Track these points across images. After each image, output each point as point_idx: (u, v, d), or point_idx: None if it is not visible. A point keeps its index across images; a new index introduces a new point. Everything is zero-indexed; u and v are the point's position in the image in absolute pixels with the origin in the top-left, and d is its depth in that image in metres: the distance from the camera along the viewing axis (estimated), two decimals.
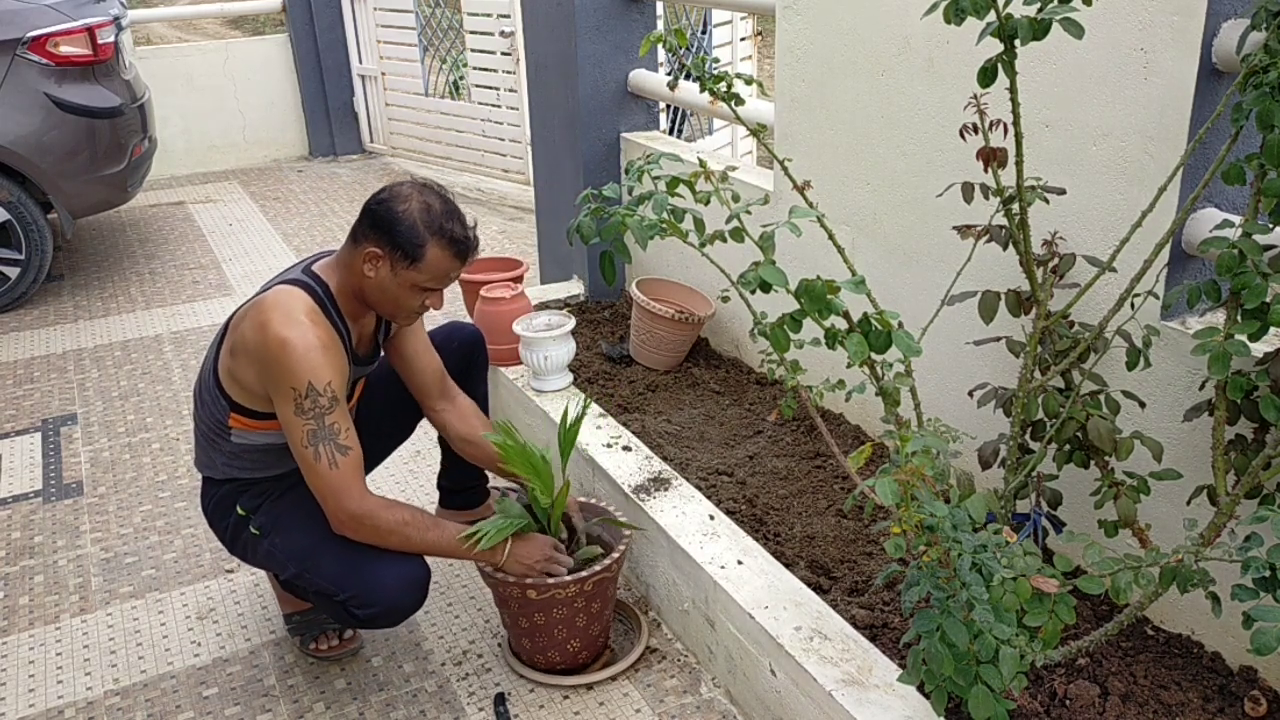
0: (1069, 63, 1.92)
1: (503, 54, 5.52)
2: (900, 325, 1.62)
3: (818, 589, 2.09)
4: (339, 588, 1.97)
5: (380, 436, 2.38)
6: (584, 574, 2.05)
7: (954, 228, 1.97)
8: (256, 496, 2.11)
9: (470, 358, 2.46)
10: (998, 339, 2.04)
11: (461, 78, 6.45)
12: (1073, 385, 1.87)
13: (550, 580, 2.02)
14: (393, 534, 1.95)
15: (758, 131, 2.02)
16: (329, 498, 1.91)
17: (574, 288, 3.70)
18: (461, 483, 2.64)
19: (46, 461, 3.18)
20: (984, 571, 1.48)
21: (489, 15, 5.45)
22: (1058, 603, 1.50)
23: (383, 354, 2.22)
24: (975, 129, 1.75)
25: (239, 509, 2.10)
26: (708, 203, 1.78)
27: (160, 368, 3.82)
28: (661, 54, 4.35)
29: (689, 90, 3.30)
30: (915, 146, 2.35)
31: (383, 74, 6.51)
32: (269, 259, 4.98)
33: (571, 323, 2.83)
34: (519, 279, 3.21)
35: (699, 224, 1.79)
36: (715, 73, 1.92)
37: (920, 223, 2.39)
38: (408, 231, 1.90)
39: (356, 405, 2.23)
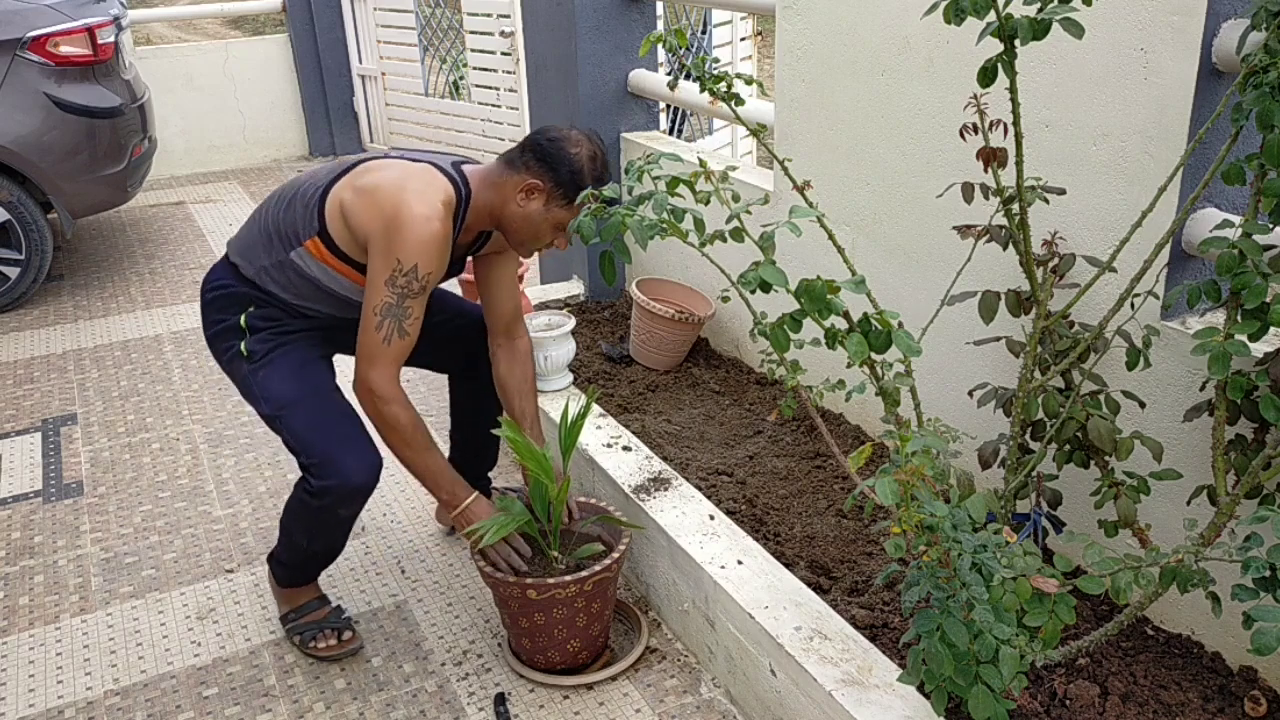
0: (1069, 63, 1.92)
1: (503, 54, 5.52)
2: (900, 325, 1.61)
3: (818, 589, 2.09)
4: (304, 446, 2.04)
5: (424, 351, 2.36)
6: (584, 574, 2.05)
7: (954, 228, 1.97)
8: (266, 319, 2.12)
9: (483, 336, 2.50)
10: (998, 339, 2.04)
11: (461, 78, 6.44)
12: (1073, 385, 1.87)
13: (550, 580, 2.02)
14: (395, 430, 2.01)
15: (758, 131, 2.02)
16: (366, 362, 1.97)
17: (574, 288, 3.70)
18: (465, 475, 2.64)
19: (46, 461, 3.18)
20: (984, 571, 1.48)
21: (489, 15, 5.45)
22: (1058, 603, 1.50)
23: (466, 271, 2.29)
24: (975, 129, 1.75)
25: (243, 320, 2.10)
26: (708, 203, 1.78)
27: (160, 368, 3.82)
28: (661, 54, 4.35)
29: (689, 90, 3.30)
30: (915, 146, 2.35)
31: (383, 74, 6.51)
32: None
33: (571, 323, 2.83)
34: (519, 279, 3.20)
35: (699, 224, 1.79)
36: (715, 73, 1.92)
37: (920, 223, 2.39)
38: (574, 174, 2.00)
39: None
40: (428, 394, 3.50)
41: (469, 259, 2.26)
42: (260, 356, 2.10)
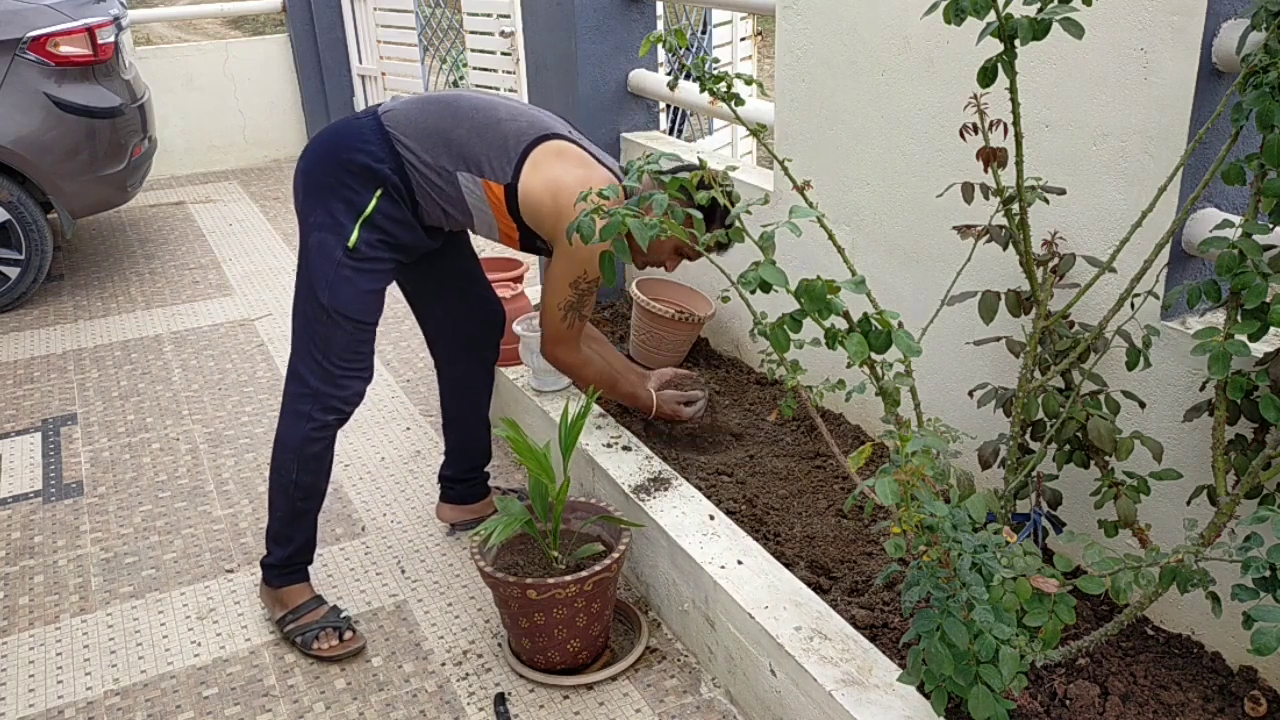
0: (1069, 63, 1.92)
1: (503, 54, 5.52)
2: (900, 325, 1.61)
3: (818, 589, 2.09)
4: (326, 354, 2.16)
5: (442, 312, 2.54)
6: (584, 574, 2.05)
7: (954, 228, 1.97)
8: (388, 220, 2.14)
9: (497, 329, 2.61)
10: (998, 339, 2.04)
11: (462, 77, 6.44)
12: (1073, 385, 1.87)
13: (550, 580, 2.02)
14: (591, 383, 2.41)
15: (758, 131, 2.02)
16: (554, 343, 2.32)
17: None
18: (464, 473, 2.65)
19: (46, 461, 3.18)
20: (984, 571, 1.48)
21: (489, 15, 5.45)
22: (1058, 603, 1.50)
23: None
24: (975, 129, 1.75)
25: (371, 206, 2.12)
26: (708, 203, 1.78)
27: (160, 368, 3.82)
28: (661, 54, 4.35)
29: (689, 90, 3.30)
30: (915, 146, 2.35)
31: (383, 74, 6.51)
32: (269, 259, 4.98)
33: None
34: (519, 279, 3.21)
35: (699, 224, 1.79)
36: (715, 73, 1.92)
37: (920, 223, 2.39)
38: (715, 209, 2.07)
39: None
40: (428, 394, 3.50)
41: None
42: (361, 259, 2.13)
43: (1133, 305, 1.74)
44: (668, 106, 4.62)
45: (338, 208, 2.12)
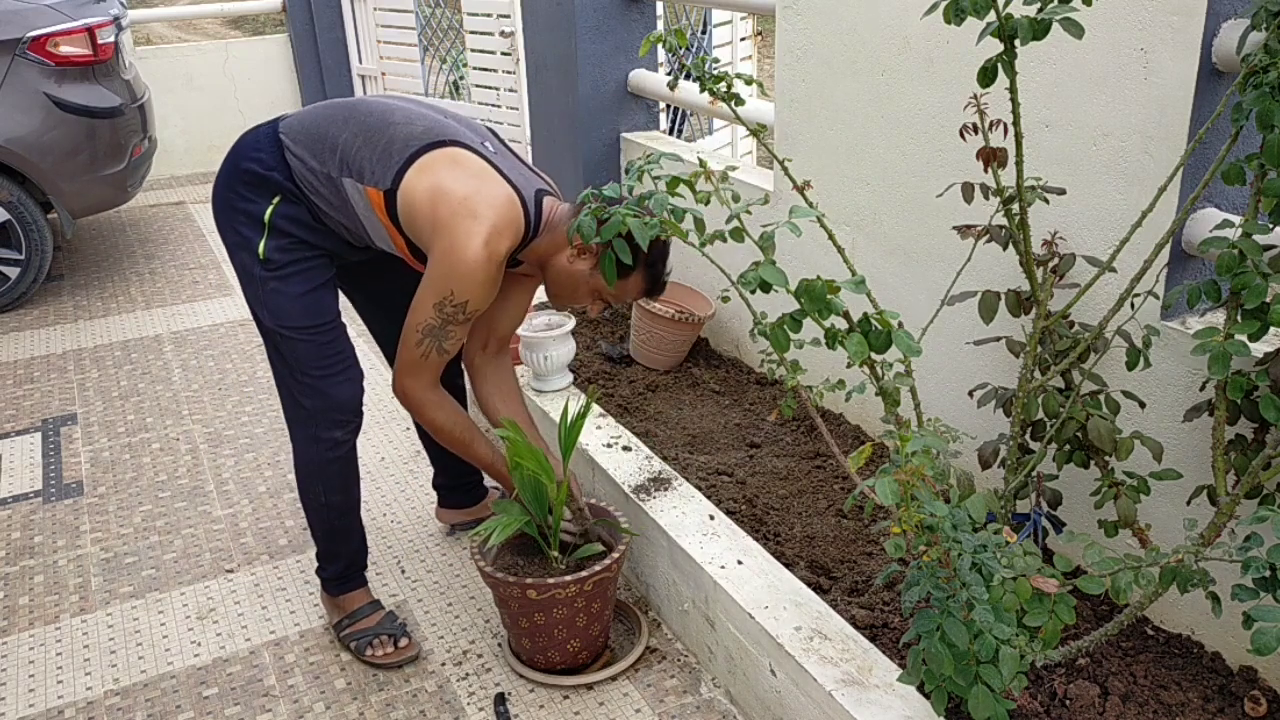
0: (1069, 63, 1.92)
1: (503, 54, 5.51)
2: (900, 325, 1.61)
3: (818, 589, 2.09)
4: (298, 369, 2.10)
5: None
6: (584, 574, 2.05)
7: (954, 228, 1.97)
8: (290, 222, 2.03)
9: None
10: (998, 339, 2.04)
11: (461, 78, 6.44)
12: (1073, 385, 1.87)
13: (550, 580, 2.02)
14: (438, 432, 2.11)
15: (758, 131, 2.02)
16: (403, 373, 2.03)
17: None
18: (456, 479, 2.65)
19: (46, 461, 3.18)
20: (984, 571, 1.48)
21: (489, 15, 5.45)
22: (1058, 603, 1.50)
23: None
24: (975, 129, 1.75)
25: (268, 213, 2.02)
26: (708, 203, 1.78)
27: (160, 368, 3.82)
28: (661, 54, 4.35)
29: (689, 90, 3.30)
30: (915, 146, 2.35)
31: (383, 74, 6.51)
32: None
33: (571, 323, 2.83)
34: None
35: (699, 224, 1.79)
36: (715, 73, 1.92)
37: (920, 223, 2.39)
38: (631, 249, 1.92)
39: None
40: None
41: None
42: (278, 267, 2.05)
43: (1133, 305, 1.74)
44: (668, 106, 4.62)
45: (240, 222, 2.05)
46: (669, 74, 3.81)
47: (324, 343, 2.10)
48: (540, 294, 2.97)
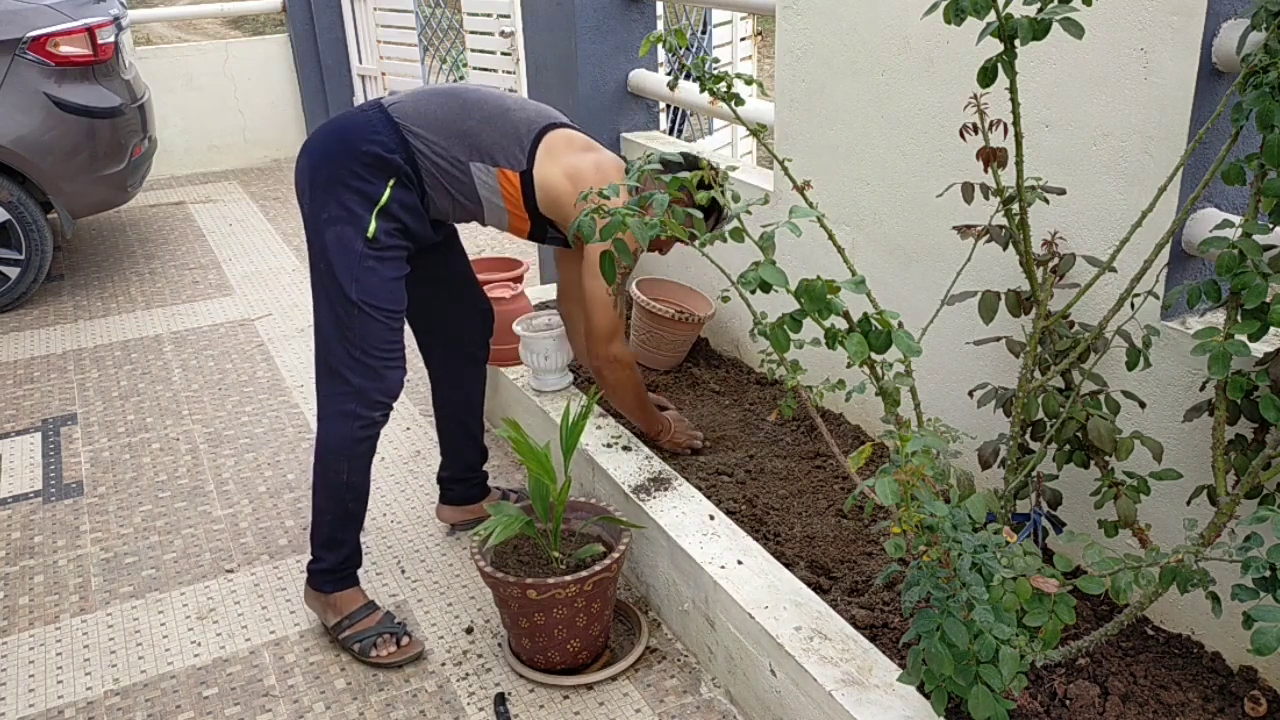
0: (1069, 63, 1.92)
1: (503, 54, 5.51)
2: (900, 325, 1.61)
3: (818, 589, 2.09)
4: (364, 348, 2.16)
5: (440, 311, 2.53)
6: (584, 574, 2.05)
7: (954, 228, 1.97)
8: (403, 209, 2.15)
9: (488, 328, 2.61)
10: (998, 339, 2.04)
11: (461, 78, 6.44)
12: (1073, 385, 1.87)
13: (550, 580, 2.02)
14: (629, 389, 2.43)
15: (758, 131, 2.02)
16: (608, 339, 2.31)
17: None
18: (460, 475, 2.65)
19: (46, 461, 3.18)
20: (984, 571, 1.48)
21: (489, 15, 5.45)
22: (1058, 603, 1.50)
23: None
24: (975, 129, 1.75)
25: (386, 195, 2.12)
26: (708, 203, 1.78)
27: (160, 368, 3.82)
28: (661, 54, 4.35)
29: (689, 90, 3.30)
30: (915, 146, 2.35)
31: (383, 74, 6.51)
32: (269, 259, 4.98)
33: None
34: (519, 279, 3.21)
35: (699, 224, 1.79)
36: (715, 73, 1.92)
37: (920, 223, 2.39)
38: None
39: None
40: (427, 394, 3.50)
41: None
42: (382, 249, 2.13)
43: (1133, 305, 1.74)
44: (668, 106, 4.62)
45: (351, 199, 2.11)
46: (669, 74, 3.82)
47: (394, 328, 2.20)
48: (538, 294, 2.98)
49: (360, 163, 2.11)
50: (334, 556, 2.30)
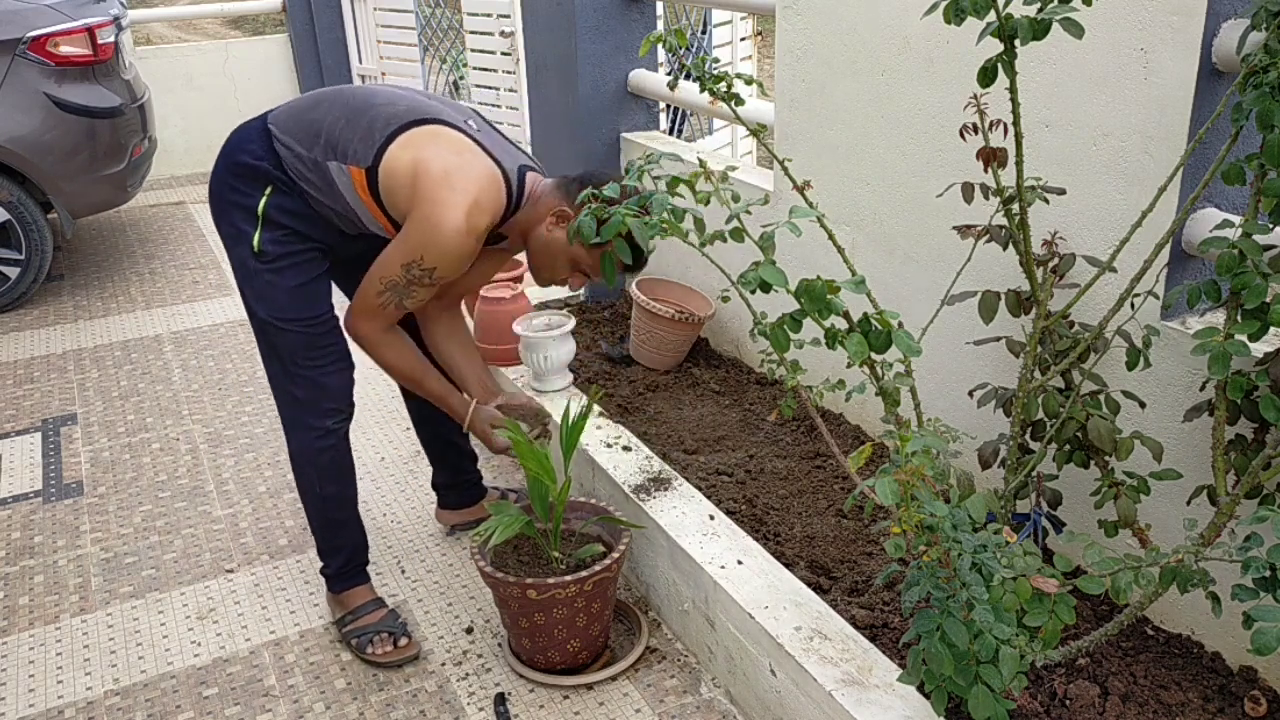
0: (1069, 63, 1.92)
1: (503, 54, 5.51)
2: (900, 325, 1.61)
3: (818, 589, 2.09)
4: (290, 360, 2.12)
5: None
6: (584, 574, 2.05)
7: (954, 228, 1.97)
8: (284, 213, 2.05)
9: None
10: (998, 339, 2.04)
11: (461, 78, 6.44)
12: (1073, 385, 1.87)
13: (550, 580, 2.02)
14: (391, 369, 2.16)
15: (758, 131, 2.02)
16: (359, 314, 2.07)
17: None
18: (455, 478, 2.65)
19: (46, 461, 3.18)
20: (984, 571, 1.48)
21: (489, 15, 5.45)
22: (1058, 603, 1.50)
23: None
24: (975, 129, 1.75)
25: (262, 205, 2.03)
26: (708, 203, 1.78)
27: (160, 368, 3.82)
28: (661, 54, 4.35)
29: (689, 90, 3.30)
30: (915, 146, 2.35)
31: (383, 74, 6.51)
32: None
33: (571, 323, 2.83)
34: (519, 279, 3.21)
35: (699, 224, 1.79)
36: (715, 73, 1.92)
37: (920, 223, 2.39)
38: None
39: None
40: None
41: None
42: (271, 259, 2.06)
43: (1133, 305, 1.74)
44: (668, 106, 4.62)
45: (237, 216, 2.07)
46: (669, 74, 3.81)
47: (316, 334, 2.12)
48: (538, 294, 2.98)
49: (235, 175, 2.06)
50: (336, 561, 2.33)
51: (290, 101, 2.14)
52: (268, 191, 2.05)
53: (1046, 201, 1.89)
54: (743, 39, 6.53)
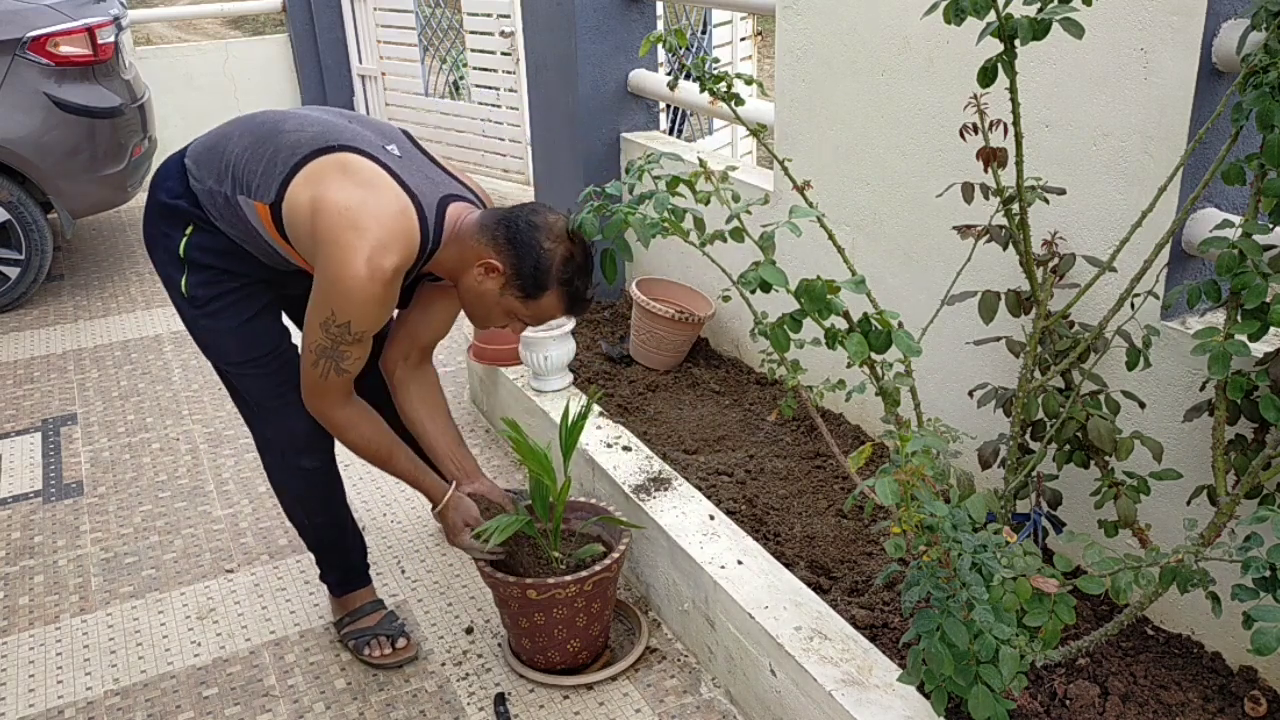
0: (1069, 63, 1.92)
1: (503, 54, 5.52)
2: (900, 325, 1.62)
3: (818, 589, 2.09)
4: (255, 401, 2.06)
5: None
6: (584, 574, 2.05)
7: (954, 228, 1.97)
8: (206, 252, 1.91)
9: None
10: (998, 339, 2.04)
11: (462, 78, 6.44)
12: (1073, 385, 1.87)
13: (550, 580, 2.02)
14: (357, 450, 2.00)
15: (758, 131, 2.02)
16: (309, 394, 1.91)
17: None
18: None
19: (46, 461, 3.18)
20: (984, 571, 1.48)
21: (489, 15, 5.45)
22: (1058, 603, 1.50)
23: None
24: (975, 129, 1.75)
25: (183, 246, 1.90)
26: (708, 202, 1.78)
27: (160, 368, 3.82)
28: (661, 54, 4.35)
29: (689, 90, 3.30)
30: (915, 146, 2.35)
31: (383, 74, 6.51)
32: None
33: (571, 323, 2.83)
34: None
35: (699, 223, 1.79)
36: (715, 73, 1.92)
37: (920, 223, 2.39)
38: (539, 272, 1.83)
39: None
40: None
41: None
42: (203, 303, 1.94)
43: (1133, 305, 1.74)
44: (668, 106, 4.62)
45: (163, 260, 1.95)
46: (669, 74, 3.81)
47: (270, 373, 2.01)
48: None
49: (158, 215, 1.94)
50: (334, 572, 2.33)
51: (208, 132, 1.98)
52: (188, 231, 1.91)
53: (1046, 201, 1.89)
54: (743, 39, 6.53)
